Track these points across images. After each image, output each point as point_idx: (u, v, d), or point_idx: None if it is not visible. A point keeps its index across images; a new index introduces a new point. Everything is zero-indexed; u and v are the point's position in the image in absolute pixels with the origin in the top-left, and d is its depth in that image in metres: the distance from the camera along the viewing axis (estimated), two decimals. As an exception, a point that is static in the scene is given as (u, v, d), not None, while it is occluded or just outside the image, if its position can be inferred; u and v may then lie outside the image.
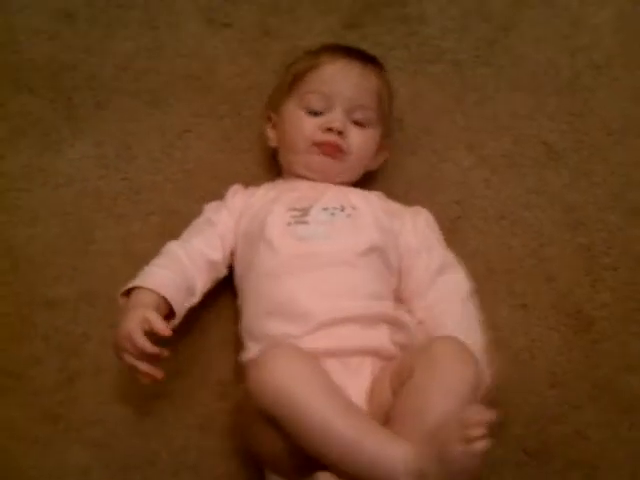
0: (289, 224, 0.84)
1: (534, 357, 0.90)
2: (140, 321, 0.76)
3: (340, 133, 0.87)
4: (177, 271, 0.84)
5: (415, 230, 0.89)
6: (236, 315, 0.89)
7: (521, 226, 0.96)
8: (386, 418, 0.74)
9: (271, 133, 0.95)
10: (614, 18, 1.05)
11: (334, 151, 0.88)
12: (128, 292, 0.82)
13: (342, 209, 0.86)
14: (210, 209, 0.92)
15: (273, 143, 0.95)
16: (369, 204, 0.89)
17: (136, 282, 0.81)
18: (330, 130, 0.87)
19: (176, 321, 0.82)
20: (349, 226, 0.85)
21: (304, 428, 0.69)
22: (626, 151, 0.99)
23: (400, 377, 0.74)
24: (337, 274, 0.82)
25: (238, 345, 0.87)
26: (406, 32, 1.06)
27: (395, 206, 0.92)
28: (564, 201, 0.97)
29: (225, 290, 0.92)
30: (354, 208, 0.87)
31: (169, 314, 0.81)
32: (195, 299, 0.85)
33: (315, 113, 0.89)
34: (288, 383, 0.69)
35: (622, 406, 0.87)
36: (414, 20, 1.06)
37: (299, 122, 0.89)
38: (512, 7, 1.06)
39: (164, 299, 0.80)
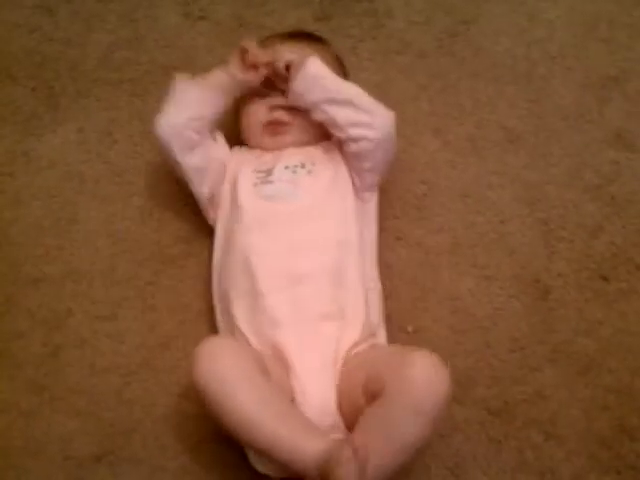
0: (255, 185, 0.89)
1: (496, 324, 0.94)
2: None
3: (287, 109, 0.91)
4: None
5: None
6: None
7: (484, 204, 1.00)
8: (354, 418, 0.76)
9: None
10: (566, 13, 1.12)
11: (280, 129, 0.92)
12: None
13: (302, 166, 0.90)
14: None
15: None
16: (326, 151, 0.92)
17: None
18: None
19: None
20: (311, 182, 0.89)
21: (231, 422, 0.74)
22: (579, 134, 1.04)
23: (372, 386, 0.75)
24: (303, 229, 0.86)
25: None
26: (374, 25, 1.11)
27: None
28: (523, 180, 1.02)
29: (205, 266, 0.96)
30: (314, 164, 0.90)
31: None
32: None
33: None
34: (216, 381, 0.73)
35: (578, 367, 0.92)
36: (381, 14, 1.12)
37: (250, 106, 0.93)
38: (472, 2, 1.13)
39: None
